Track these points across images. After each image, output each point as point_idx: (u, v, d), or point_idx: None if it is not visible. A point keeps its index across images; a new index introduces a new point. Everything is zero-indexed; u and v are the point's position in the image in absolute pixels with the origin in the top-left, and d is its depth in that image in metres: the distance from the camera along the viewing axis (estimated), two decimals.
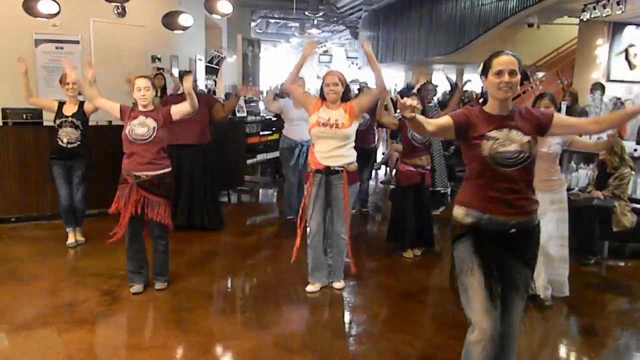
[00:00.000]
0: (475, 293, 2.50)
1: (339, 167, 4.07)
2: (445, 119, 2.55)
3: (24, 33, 7.51)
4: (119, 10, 8.11)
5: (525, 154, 2.43)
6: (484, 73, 2.51)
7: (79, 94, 4.98)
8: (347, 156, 4.10)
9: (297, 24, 23.93)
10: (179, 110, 4.07)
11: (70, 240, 5.30)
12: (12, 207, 6.04)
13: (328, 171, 4.07)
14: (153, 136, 3.97)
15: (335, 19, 22.15)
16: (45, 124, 5.98)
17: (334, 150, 4.04)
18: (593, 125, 2.65)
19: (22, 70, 5.02)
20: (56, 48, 7.88)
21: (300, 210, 4.26)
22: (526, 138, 2.44)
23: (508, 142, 2.43)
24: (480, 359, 2.49)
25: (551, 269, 4.16)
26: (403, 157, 5.11)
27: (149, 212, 4.01)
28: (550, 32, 13.70)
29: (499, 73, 2.43)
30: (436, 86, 7.44)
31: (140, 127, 3.96)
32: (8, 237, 5.58)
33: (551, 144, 3.91)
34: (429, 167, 5.10)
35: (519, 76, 2.46)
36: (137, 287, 4.18)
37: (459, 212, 2.58)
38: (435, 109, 6.27)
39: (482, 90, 12.40)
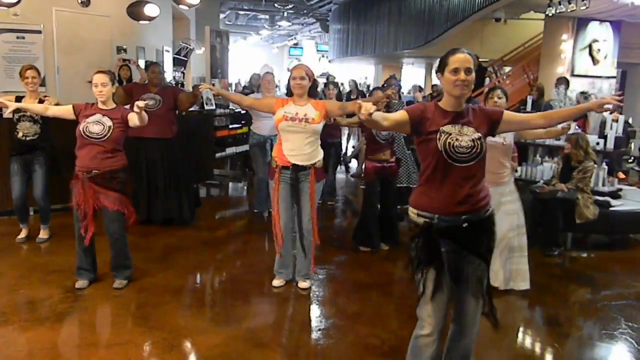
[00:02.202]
0: (426, 291, 2.57)
1: (308, 165, 4.02)
2: (401, 114, 2.59)
3: None
4: (82, 0, 7.92)
5: (477, 149, 2.49)
6: (440, 70, 2.55)
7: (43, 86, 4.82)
8: (315, 155, 4.05)
9: (267, 16, 23.76)
10: (133, 119, 3.91)
11: (22, 235, 5.17)
12: None
13: (296, 168, 4.01)
14: (108, 135, 3.87)
15: (305, 11, 22.08)
16: (5, 116, 5.79)
17: (303, 147, 3.97)
18: (541, 120, 2.72)
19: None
20: (17, 38, 7.66)
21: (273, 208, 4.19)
22: (478, 134, 2.51)
23: (461, 136, 2.49)
24: (428, 351, 2.59)
25: (512, 259, 4.25)
26: (368, 154, 5.16)
27: (102, 206, 3.93)
28: (517, 26, 13.93)
29: (455, 71, 2.47)
30: (399, 81, 7.48)
31: (96, 125, 3.86)
32: None
33: (506, 135, 4.04)
34: (393, 160, 5.14)
35: (473, 74, 2.51)
36: (82, 282, 4.12)
37: (412, 213, 2.64)
38: (400, 105, 6.29)
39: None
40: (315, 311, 4.02)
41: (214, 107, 8.03)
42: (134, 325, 3.63)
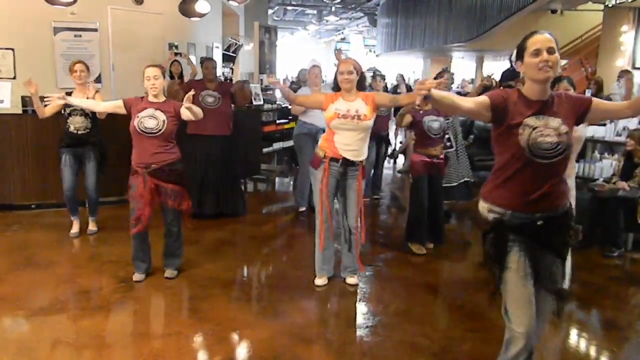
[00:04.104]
0: (510, 293, 2.39)
1: (358, 161, 3.98)
2: (482, 98, 2.38)
3: (42, 21, 7.54)
4: None
5: (564, 145, 2.29)
6: (519, 57, 2.35)
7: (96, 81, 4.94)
8: (365, 151, 4.02)
9: (315, 11, 23.79)
10: (186, 114, 3.95)
11: (74, 229, 5.29)
12: (31, 194, 6.10)
13: (346, 162, 3.97)
14: (163, 130, 3.91)
15: (353, 5, 21.98)
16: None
17: (356, 143, 3.92)
18: (628, 110, 2.47)
19: (32, 92, 4.69)
20: (74, 36, 7.89)
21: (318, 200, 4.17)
22: (565, 128, 2.30)
23: (547, 131, 2.28)
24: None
25: None
26: (417, 148, 5.03)
27: (162, 199, 4.00)
28: (574, 18, 13.44)
29: (537, 52, 2.26)
30: (453, 74, 7.33)
31: (150, 120, 3.89)
32: (28, 224, 5.64)
33: (577, 128, 3.82)
34: (442, 157, 5.02)
35: (558, 54, 2.30)
36: (139, 276, 4.19)
37: (482, 207, 2.48)
38: None
39: (502, 77, 12.19)
40: (361, 308, 3.98)
41: (261, 102, 8.08)
42: (184, 316, 3.70)
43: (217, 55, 11.41)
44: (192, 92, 3.87)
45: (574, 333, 3.72)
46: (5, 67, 7.49)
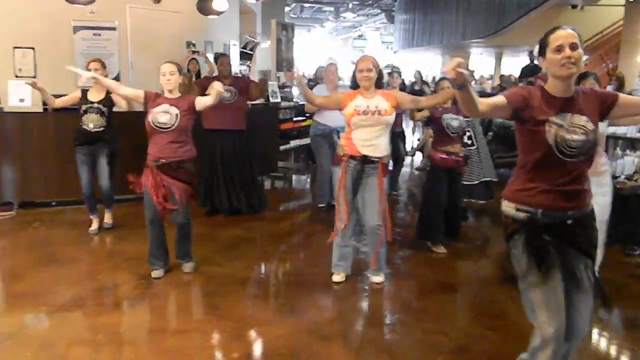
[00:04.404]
0: (538, 295, 2.33)
1: (377, 157, 3.96)
2: (499, 99, 2.35)
3: (62, 20, 7.64)
4: None
5: (590, 142, 2.25)
6: (541, 52, 2.30)
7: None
8: (385, 148, 4.00)
9: (332, 8, 23.75)
10: (203, 102, 4.02)
11: (93, 227, 5.36)
12: (52, 192, 6.19)
13: (364, 159, 3.95)
14: (175, 124, 3.95)
15: (370, 2, 21.89)
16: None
17: (375, 139, 3.91)
18: None
19: (37, 88, 5.01)
20: (94, 35, 7.98)
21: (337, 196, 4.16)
22: (591, 124, 2.25)
23: (573, 128, 2.24)
24: None
25: None
26: (435, 145, 4.98)
27: (168, 194, 4.03)
28: (595, 13, 13.25)
29: (559, 48, 2.22)
30: (472, 71, 7.27)
31: (163, 115, 3.94)
32: (49, 221, 5.72)
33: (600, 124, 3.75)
34: (462, 155, 4.97)
35: (581, 50, 2.25)
36: (157, 272, 4.21)
37: (509, 207, 2.42)
38: None
39: (521, 73, 12.06)
40: (379, 306, 3.98)
41: (279, 100, 8.10)
42: (202, 313, 3.73)
43: (235, 53, 11.45)
44: (219, 88, 3.93)
45: (594, 332, 3.67)
46: (25, 66, 7.61)
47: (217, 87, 3.91)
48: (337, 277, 4.23)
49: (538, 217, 2.33)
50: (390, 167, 6.12)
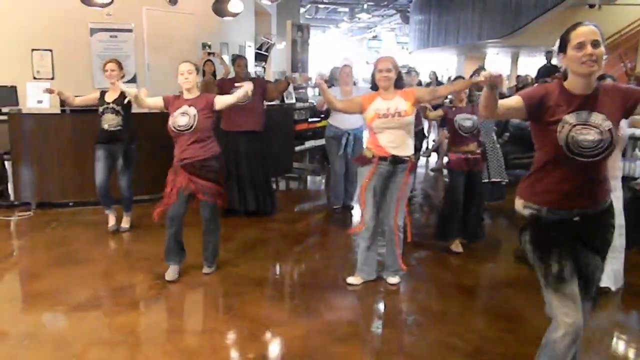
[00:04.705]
0: (553, 286, 2.31)
1: (406, 156, 3.94)
2: (514, 100, 2.33)
3: (79, 23, 7.71)
4: None
5: (607, 143, 2.19)
6: (562, 49, 2.25)
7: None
8: (411, 146, 3.98)
9: (347, 9, 23.75)
10: (223, 101, 4.04)
11: (111, 223, 5.42)
12: (69, 192, 6.25)
13: (394, 160, 3.92)
14: (194, 125, 3.95)
15: (385, 2, 21.84)
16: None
17: (401, 139, 3.89)
18: None
19: (56, 93, 5.15)
20: (110, 37, 8.05)
21: (360, 197, 4.12)
22: (608, 124, 2.19)
23: (587, 128, 2.18)
24: (568, 355, 2.31)
25: (612, 258, 3.97)
26: (451, 147, 4.96)
27: (198, 195, 4.03)
28: (612, 12, 13.07)
29: (580, 45, 2.17)
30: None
31: (182, 117, 3.95)
32: (66, 221, 5.77)
33: (622, 126, 3.68)
34: (479, 152, 4.92)
35: (603, 48, 2.20)
36: (172, 269, 4.19)
37: (518, 204, 2.44)
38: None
39: (537, 73, 11.95)
40: (395, 307, 3.95)
41: (294, 101, 8.10)
42: (218, 313, 3.74)
43: (250, 55, 11.49)
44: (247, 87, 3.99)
45: (613, 335, 3.62)
46: (44, 68, 7.70)
47: (247, 87, 3.92)
48: (353, 279, 4.21)
49: (543, 214, 2.33)
50: None
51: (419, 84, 9.55)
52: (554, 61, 12.24)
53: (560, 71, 2.39)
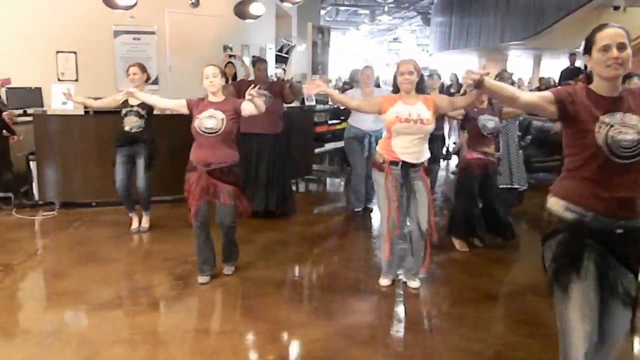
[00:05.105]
0: (571, 299, 2.23)
1: (418, 163, 3.91)
2: (545, 92, 2.28)
3: (103, 25, 7.83)
4: (192, 1, 8.29)
5: None
6: (587, 51, 2.22)
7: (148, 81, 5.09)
8: (425, 153, 3.95)
9: (367, 11, 23.71)
10: (248, 109, 4.00)
11: (134, 225, 5.50)
12: (92, 193, 6.33)
13: (405, 165, 3.88)
14: (222, 128, 3.93)
15: (406, 5, 21.77)
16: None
17: (415, 147, 3.85)
18: None
19: (76, 100, 5.34)
20: (133, 39, 8.15)
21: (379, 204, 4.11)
22: None
23: (625, 128, 2.12)
24: None
25: None
26: (470, 145, 4.93)
27: (219, 198, 4.03)
28: (638, 14, 12.84)
29: (606, 48, 2.13)
30: (512, 74, 7.13)
31: (209, 120, 3.93)
32: (89, 221, 5.85)
33: None
34: (496, 155, 4.90)
35: (629, 50, 2.15)
36: (204, 278, 4.21)
37: (556, 205, 2.31)
38: None
39: (560, 76, 11.80)
40: (415, 311, 3.92)
41: (314, 103, 8.12)
42: (238, 315, 3.75)
43: (270, 57, 11.54)
44: (257, 87, 3.98)
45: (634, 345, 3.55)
46: (68, 70, 7.83)
47: (251, 92, 3.89)
48: (384, 281, 4.21)
49: (587, 220, 2.23)
50: None
51: (441, 86, 9.50)
52: (578, 63, 12.08)
53: (583, 74, 2.35)
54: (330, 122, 8.42)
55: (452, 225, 5.12)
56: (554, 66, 17.60)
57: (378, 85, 6.45)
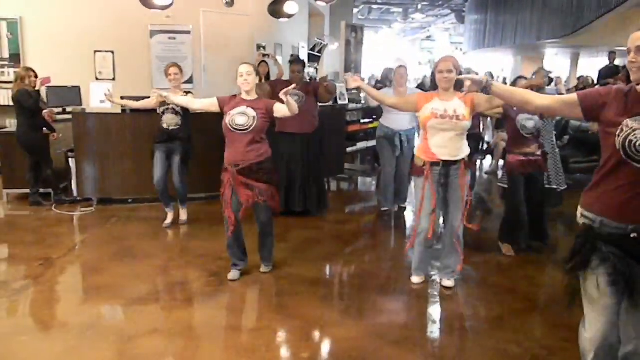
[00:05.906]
0: (587, 302, 2.30)
1: (458, 160, 3.86)
2: (570, 96, 2.27)
3: (139, 25, 7.95)
4: (227, 1, 8.36)
5: None
6: (629, 52, 2.19)
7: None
8: (464, 148, 3.89)
9: (400, 9, 23.55)
10: (281, 110, 3.99)
11: (168, 220, 5.61)
12: (129, 189, 6.45)
13: (446, 163, 3.84)
14: (253, 126, 3.94)
15: (440, 2, 21.55)
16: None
17: (451, 144, 3.81)
18: None
19: (119, 102, 5.59)
20: (169, 38, 8.27)
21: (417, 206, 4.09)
22: None
23: None
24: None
25: None
26: (510, 148, 4.82)
27: (254, 197, 4.04)
28: None
29: (637, 50, 2.10)
30: (549, 72, 6.99)
31: (241, 117, 3.94)
32: (126, 217, 5.96)
33: None
34: (539, 154, 4.77)
35: None
36: (234, 274, 4.24)
37: (578, 211, 2.34)
38: None
39: (598, 75, 11.51)
40: (451, 312, 3.87)
41: (346, 102, 8.10)
42: (271, 312, 3.76)
43: (303, 55, 11.57)
44: (293, 86, 4.00)
45: None
46: (106, 69, 7.99)
47: (283, 93, 3.86)
48: (416, 279, 4.20)
49: (596, 225, 2.23)
50: None
51: None
52: (617, 61, 11.75)
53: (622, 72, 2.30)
54: (362, 121, 8.40)
55: (501, 230, 5.01)
56: (592, 65, 17.18)
57: (422, 87, 6.39)
